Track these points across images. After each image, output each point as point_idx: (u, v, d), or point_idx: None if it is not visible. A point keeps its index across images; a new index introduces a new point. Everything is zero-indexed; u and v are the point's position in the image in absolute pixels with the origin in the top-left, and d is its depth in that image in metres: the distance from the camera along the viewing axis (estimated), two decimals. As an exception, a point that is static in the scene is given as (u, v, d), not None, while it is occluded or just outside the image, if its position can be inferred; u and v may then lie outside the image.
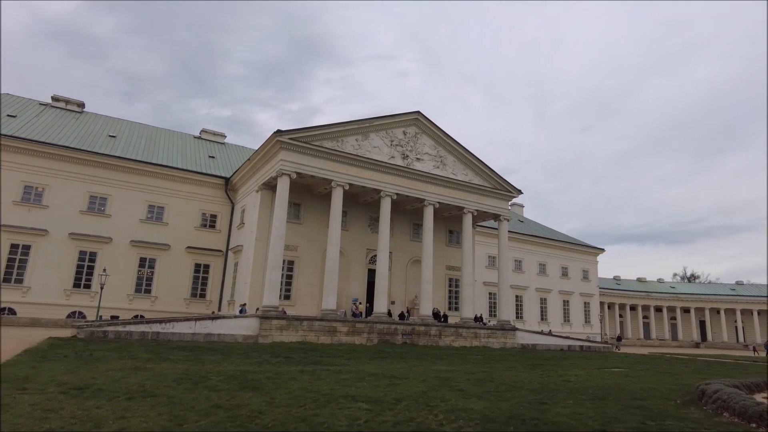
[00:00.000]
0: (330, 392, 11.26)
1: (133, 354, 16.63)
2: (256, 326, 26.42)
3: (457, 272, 39.19)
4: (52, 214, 33.32)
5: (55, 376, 11.37)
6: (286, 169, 29.40)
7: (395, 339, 30.24)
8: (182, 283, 36.50)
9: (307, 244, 33.23)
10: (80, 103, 43.49)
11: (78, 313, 32.67)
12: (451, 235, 41.09)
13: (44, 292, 32.21)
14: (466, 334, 33.43)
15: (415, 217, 37.67)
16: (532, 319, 54.19)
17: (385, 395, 11.36)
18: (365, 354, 22.21)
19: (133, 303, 34.58)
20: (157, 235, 36.27)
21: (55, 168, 33.99)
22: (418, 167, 34.49)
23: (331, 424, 8.30)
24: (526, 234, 56.89)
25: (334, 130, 31.36)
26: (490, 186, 37.81)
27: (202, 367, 14.45)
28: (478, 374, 16.94)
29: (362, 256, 35.57)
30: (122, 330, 23.21)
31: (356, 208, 35.57)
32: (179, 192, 37.71)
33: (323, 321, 28.29)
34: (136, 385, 10.79)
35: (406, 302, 36.60)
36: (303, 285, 32.85)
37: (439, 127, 35.82)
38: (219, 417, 8.25)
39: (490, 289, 50.29)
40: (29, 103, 40.83)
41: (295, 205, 32.98)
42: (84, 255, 33.83)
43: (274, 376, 13.49)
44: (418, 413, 9.66)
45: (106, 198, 35.29)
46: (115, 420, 7.65)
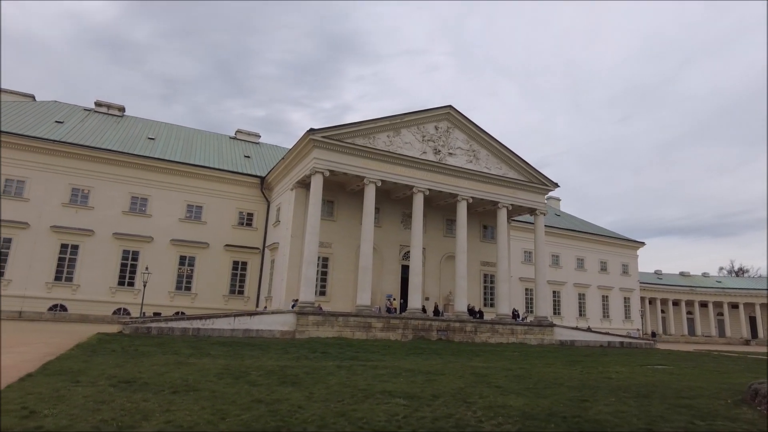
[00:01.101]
0: (367, 388, 11.32)
1: (175, 349, 17.14)
2: (292, 322, 26.84)
3: (493, 268, 38.73)
4: (97, 215, 34.71)
5: (104, 369, 11.83)
6: (320, 167, 29.67)
7: (430, 335, 30.16)
8: (221, 280, 37.41)
9: (340, 240, 33.49)
10: (121, 108, 45.11)
11: (123, 310, 33.96)
12: (485, 231, 40.62)
13: (92, 289, 33.62)
14: (503, 331, 33.03)
15: (448, 212, 37.41)
16: (570, 314, 53.08)
17: (422, 391, 11.33)
18: (401, 350, 22.23)
19: (175, 300, 35.68)
20: (196, 234, 37.27)
21: (99, 170, 35.37)
22: (450, 162, 34.21)
23: (369, 419, 8.34)
24: (563, 228, 55.70)
25: (365, 127, 31.44)
26: (525, 179, 37.16)
27: (242, 362, 14.77)
28: (515, 371, 16.71)
29: (395, 252, 35.59)
30: (165, 326, 24.01)
31: (389, 205, 35.59)
32: (216, 191, 38.62)
33: (358, 317, 28.48)
34: (179, 379, 11.11)
35: (440, 298, 36.42)
36: (337, 281, 33.14)
37: (472, 121, 35.41)
38: (260, 411, 8.41)
39: (526, 285, 49.52)
40: (75, 109, 42.65)
41: (328, 202, 33.27)
42: (127, 254, 35.10)
43: (312, 371, 13.66)
44: (456, 409, 9.59)
45: (146, 198, 36.49)
46: (162, 413, 7.89)
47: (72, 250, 33.74)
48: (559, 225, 56.01)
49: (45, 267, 32.84)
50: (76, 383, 9.94)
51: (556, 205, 64.23)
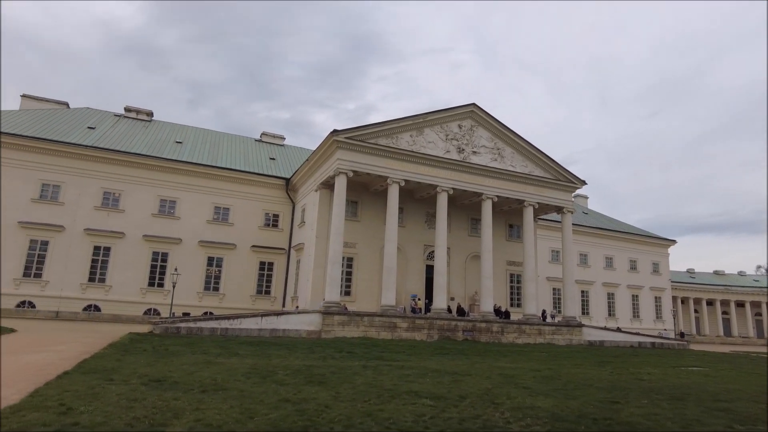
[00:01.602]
0: (393, 388, 11.30)
1: (204, 349, 17.45)
2: (318, 322, 27.04)
3: (519, 267, 38.26)
4: (127, 217, 35.62)
5: (136, 368, 12.12)
6: (343, 167, 29.81)
7: (456, 335, 29.98)
8: (248, 280, 37.95)
9: (365, 241, 33.58)
10: (149, 113, 46.22)
11: (153, 311, 34.75)
12: (511, 230, 40.15)
13: (123, 290, 34.53)
14: (530, 331, 32.59)
15: (473, 211, 37.12)
16: (599, 314, 52.04)
17: (449, 392, 11.27)
18: (426, 350, 22.16)
19: (203, 300, 36.34)
20: (224, 235, 37.89)
21: (129, 174, 36.31)
22: (474, 161, 33.93)
23: (396, 419, 8.32)
24: (591, 226, 54.65)
25: (388, 127, 31.45)
26: (551, 177, 36.59)
27: (269, 362, 14.93)
28: (543, 371, 16.47)
29: (420, 252, 35.49)
30: (194, 326, 24.47)
31: (412, 204, 35.52)
32: (243, 193, 39.20)
33: (383, 317, 28.49)
34: (208, 378, 11.30)
35: (465, 298, 36.16)
36: (362, 281, 33.23)
37: (496, 119, 35.05)
38: (287, 410, 8.48)
39: (554, 285, 48.77)
40: (106, 115, 43.87)
41: (352, 203, 33.38)
42: (157, 255, 35.92)
43: (338, 370, 13.72)
44: (484, 410, 9.50)
45: (175, 201, 37.27)
46: (192, 411, 8.03)
47: (104, 252, 34.71)
48: (587, 223, 54.99)
49: (79, 268, 33.87)
50: (110, 381, 10.21)
51: (583, 203, 63.07)
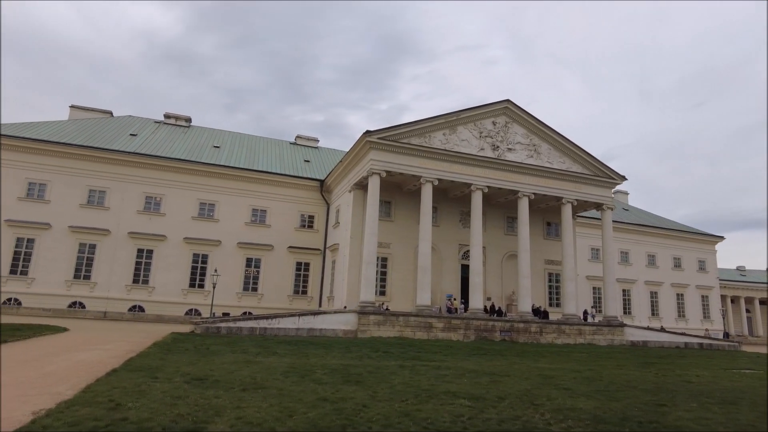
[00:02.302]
0: (431, 388, 11.25)
1: (244, 348, 17.82)
2: (354, 321, 27.20)
3: (557, 266, 37.45)
4: (169, 220, 36.78)
5: (179, 367, 12.48)
6: (376, 168, 29.89)
7: (493, 336, 29.60)
8: (285, 280, 38.57)
9: (399, 240, 33.57)
10: (188, 119, 47.64)
11: (194, 311, 35.75)
12: (549, 228, 39.34)
13: (166, 291, 35.67)
14: (569, 331, 31.86)
15: (509, 209, 36.56)
16: (641, 314, 50.37)
17: (487, 392, 11.12)
18: (463, 350, 21.97)
19: (242, 300, 37.13)
20: (261, 237, 38.63)
21: (169, 179, 37.49)
22: (509, 158, 33.42)
23: (434, 419, 8.27)
24: (632, 223, 52.95)
25: (420, 126, 31.33)
26: (590, 173, 35.66)
27: (307, 361, 15.12)
28: (584, 372, 16.07)
29: (454, 251, 35.21)
30: (233, 326, 25.04)
31: (446, 204, 35.27)
32: (279, 195, 39.87)
33: (418, 317, 28.41)
34: (248, 377, 11.52)
35: (502, 298, 35.65)
36: (397, 281, 33.22)
37: (531, 114, 34.42)
38: (325, 409, 8.56)
39: (593, 284, 47.51)
40: (146, 122, 45.47)
41: (386, 203, 33.43)
42: (197, 257, 36.95)
43: (375, 370, 13.76)
44: (523, 411, 9.34)
45: (214, 204, 38.25)
46: (233, 409, 8.21)
47: (147, 254, 35.94)
48: (628, 220, 53.32)
49: (124, 270, 35.19)
50: (155, 379, 10.55)
51: (623, 200, 61.19)
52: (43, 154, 35.11)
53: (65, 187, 35.15)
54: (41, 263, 33.73)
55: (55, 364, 12.38)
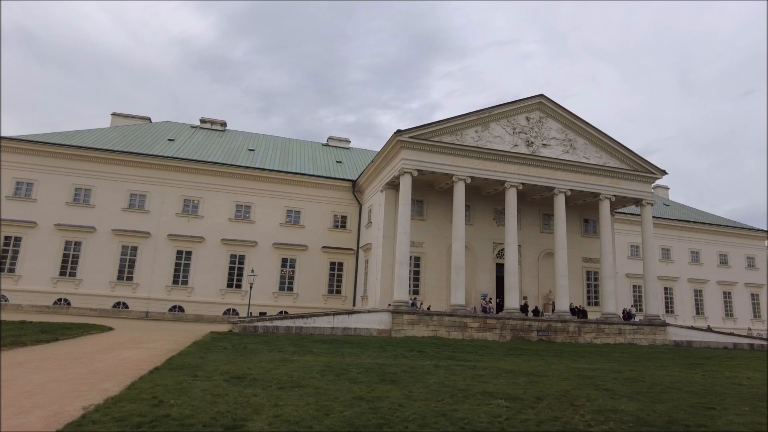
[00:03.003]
0: (467, 388, 11.14)
1: (280, 347, 18.08)
2: (388, 321, 27.25)
3: (596, 264, 36.51)
4: (206, 222, 37.71)
5: (218, 366, 12.76)
6: (408, 167, 29.83)
7: (530, 336, 29.12)
8: (319, 280, 38.99)
9: (431, 239, 33.42)
10: (223, 123, 48.74)
11: (232, 311, 36.54)
12: (586, 225, 38.40)
13: (204, 292, 36.60)
14: (609, 331, 31.02)
15: (544, 206, 35.88)
16: (685, 313, 48.50)
17: (525, 393, 10.94)
18: (499, 350, 21.68)
19: (278, 300, 37.74)
20: (296, 237, 39.16)
21: (206, 182, 38.44)
22: (544, 153, 32.79)
23: (470, 420, 8.19)
24: (674, 219, 51.04)
25: (452, 123, 31.10)
26: (628, 168, 34.61)
27: (342, 360, 15.22)
28: (625, 373, 15.61)
29: (489, 250, 34.79)
30: (270, 325, 25.49)
31: (480, 202, 34.89)
32: (312, 196, 40.33)
33: (453, 316, 28.22)
34: (285, 375, 11.68)
35: (539, 297, 35.02)
36: (430, 280, 33.09)
37: (566, 109, 33.67)
38: (362, 408, 8.58)
39: (634, 282, 46.06)
40: (183, 127, 46.75)
41: (418, 202, 33.33)
42: (234, 258, 37.75)
43: (410, 369, 13.73)
44: (563, 413, 9.14)
45: (249, 206, 39.00)
46: (270, 407, 8.34)
47: (186, 255, 36.96)
48: (669, 215, 51.45)
49: (164, 272, 36.28)
50: (195, 377, 10.82)
51: (664, 195, 59.10)
52: (88, 160, 36.58)
53: (108, 191, 36.52)
54: (87, 265, 35.15)
55: (102, 361, 12.87)
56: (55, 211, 35.32)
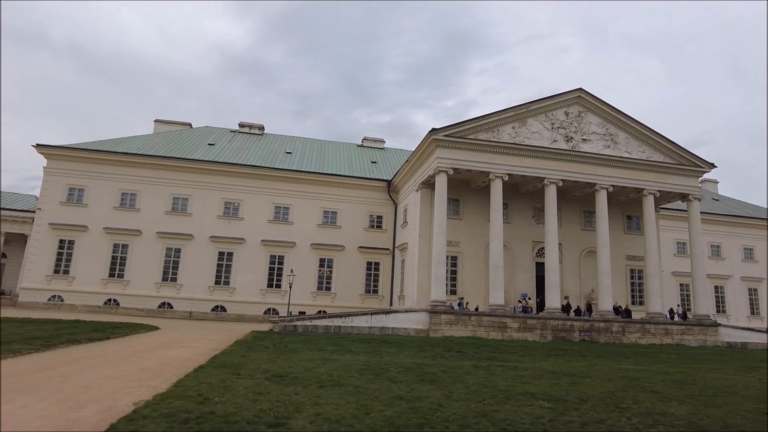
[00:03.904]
0: (508, 389, 10.97)
1: (320, 346, 18.30)
2: (426, 321, 27.15)
3: (640, 262, 35.31)
4: (247, 224, 38.58)
5: (260, 364, 13.03)
6: (443, 166, 29.64)
7: (571, 336, 28.43)
8: (356, 280, 39.26)
9: (468, 239, 33.10)
10: (261, 127, 49.74)
11: (272, 310, 37.23)
12: (629, 221, 37.17)
13: (245, 292, 37.45)
14: (655, 331, 29.93)
15: (585, 203, 34.95)
16: (739, 312, 46.24)
17: (567, 394, 10.70)
18: (540, 351, 21.27)
19: (316, 299, 38.21)
20: (333, 238, 39.56)
21: (246, 185, 39.34)
22: (584, 149, 31.94)
23: (512, 421, 8.06)
24: (724, 214, 48.74)
25: (488, 120, 30.70)
26: (673, 162, 33.30)
27: (381, 359, 15.26)
28: (674, 375, 15.03)
29: (528, 248, 34.16)
30: (309, 324, 25.84)
31: (518, 199, 34.31)
32: (348, 197, 40.64)
33: (492, 316, 27.86)
34: (325, 374, 11.81)
35: (581, 297, 34.14)
36: (468, 280, 32.77)
37: (606, 102, 32.70)
38: (401, 408, 8.58)
39: (681, 280, 44.25)
40: (223, 131, 47.99)
41: (454, 200, 33.08)
42: (274, 258, 38.48)
43: (449, 369, 13.64)
44: (608, 415, 8.88)
45: (288, 207, 39.66)
46: (312, 406, 8.44)
47: (227, 257, 37.92)
48: (719, 211, 49.16)
49: (207, 273, 37.34)
50: (238, 376, 11.07)
51: (712, 189, 56.54)
52: (133, 166, 38.04)
53: (152, 195, 37.86)
54: (134, 267, 36.56)
55: (149, 359, 13.35)
56: (104, 215, 36.90)
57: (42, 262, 35.56)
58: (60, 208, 36.54)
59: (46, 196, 36.72)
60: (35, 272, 35.43)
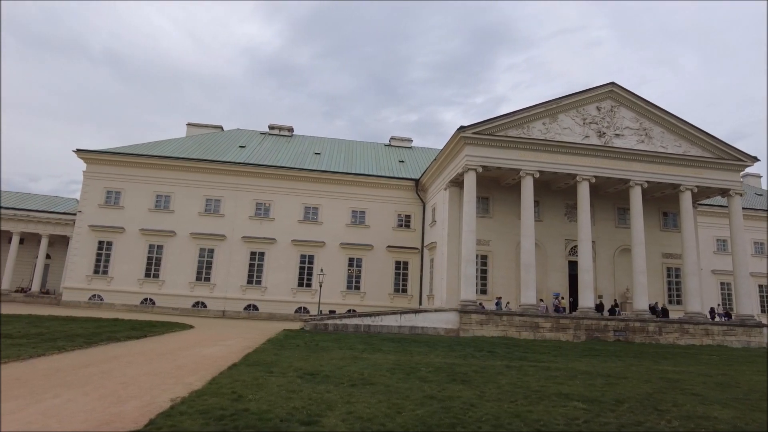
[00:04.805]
0: (541, 389, 10.80)
1: (350, 344, 18.40)
2: (456, 320, 26.98)
3: (677, 260, 34.22)
4: (277, 225, 39.12)
5: (292, 362, 13.19)
6: (472, 163, 29.38)
7: (606, 336, 27.78)
8: (385, 279, 39.33)
9: (499, 237, 32.71)
10: (290, 128, 50.37)
11: (303, 309, 37.66)
12: (666, 218, 36.07)
13: (276, 291, 37.99)
14: (694, 331, 28.95)
15: (619, 200, 34.09)
16: (784, 312, 44.28)
17: (603, 395, 10.46)
18: (573, 351, 20.86)
19: (346, 298, 38.45)
20: (361, 237, 39.74)
21: (276, 186, 39.89)
22: (618, 144, 31.14)
23: (546, 421, 7.93)
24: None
25: (518, 117, 30.26)
26: (711, 156, 32.13)
27: (411, 359, 15.24)
28: (716, 377, 14.50)
29: (560, 247, 33.54)
30: (339, 323, 26.04)
31: (549, 197, 33.71)
32: (376, 197, 40.74)
33: (524, 316, 27.47)
34: (356, 373, 11.86)
35: (615, 296, 33.32)
36: (498, 279, 32.39)
37: (639, 96, 31.78)
38: (433, 407, 8.55)
39: (721, 279, 42.64)
40: (253, 134, 48.80)
41: (483, 199, 32.75)
42: (304, 258, 38.91)
43: (480, 369, 13.51)
44: (646, 417, 8.64)
45: (317, 208, 40.04)
46: (343, 404, 8.50)
47: (259, 256, 38.55)
48: (762, 206, 47.16)
49: (239, 272, 38.04)
50: (270, 374, 11.23)
51: (755, 183, 54.26)
52: (167, 168, 39.06)
53: (185, 197, 38.80)
54: (169, 267, 37.55)
55: (185, 357, 13.68)
56: (140, 217, 38.02)
57: (83, 262, 36.91)
58: (98, 210, 37.84)
59: (85, 199, 38.12)
60: (77, 272, 36.81)
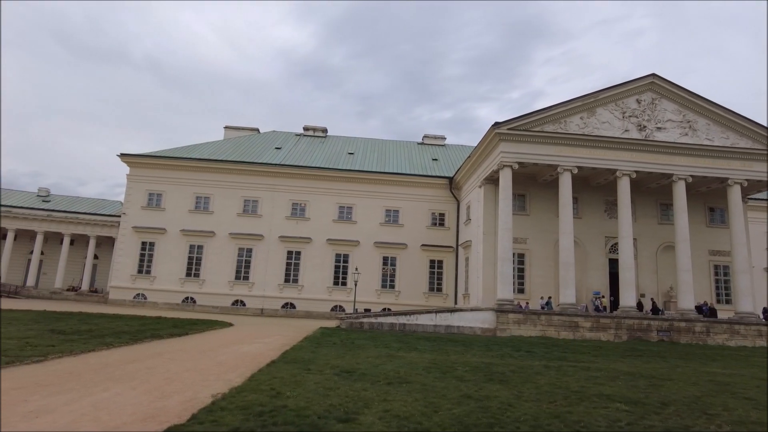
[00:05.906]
0: (581, 390, 10.55)
1: (386, 343, 18.45)
2: (492, 320, 26.67)
3: (725, 257, 32.78)
4: (313, 224, 39.65)
5: (329, 360, 13.32)
6: (507, 160, 28.95)
7: (649, 336, 26.89)
8: (420, 278, 39.26)
9: (536, 235, 32.13)
10: (324, 129, 50.95)
11: (339, 307, 38.03)
12: (712, 213, 34.61)
13: (313, 289, 38.52)
14: (745, 332, 27.65)
15: (661, 195, 32.92)
16: None
17: (647, 397, 10.12)
18: (614, 351, 20.27)
19: (381, 297, 38.59)
20: (395, 236, 39.80)
21: (311, 186, 40.43)
22: (660, 137, 30.06)
23: (587, 423, 7.74)
24: (825, 204, 44.19)
25: (554, 112, 29.62)
26: (762, 148, 30.59)
27: (447, 358, 15.15)
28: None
29: (600, 244, 32.67)
30: (374, 321, 26.17)
31: (588, 193, 32.88)
32: (410, 195, 40.71)
33: (563, 315, 26.90)
34: (392, 371, 11.88)
35: (658, 294, 32.21)
36: (535, 278, 31.82)
37: (682, 87, 30.54)
38: (470, 407, 8.47)
39: (774, 276, 40.61)
40: (288, 135, 49.61)
41: (519, 196, 32.23)
42: (339, 257, 39.30)
43: (518, 369, 13.31)
44: (694, 421, 8.30)
45: (351, 207, 40.35)
46: (380, 402, 8.52)
47: (295, 256, 39.17)
48: (819, 200, 44.62)
49: (276, 271, 38.77)
50: (308, 371, 11.38)
51: (811, 176, 51.38)
52: (206, 171, 40.16)
53: (224, 198, 39.81)
54: (209, 267, 38.61)
55: (225, 354, 14.03)
56: (180, 218, 39.24)
57: (127, 262, 38.39)
58: (141, 212, 39.26)
59: (129, 202, 39.62)
60: (122, 272, 38.32)
